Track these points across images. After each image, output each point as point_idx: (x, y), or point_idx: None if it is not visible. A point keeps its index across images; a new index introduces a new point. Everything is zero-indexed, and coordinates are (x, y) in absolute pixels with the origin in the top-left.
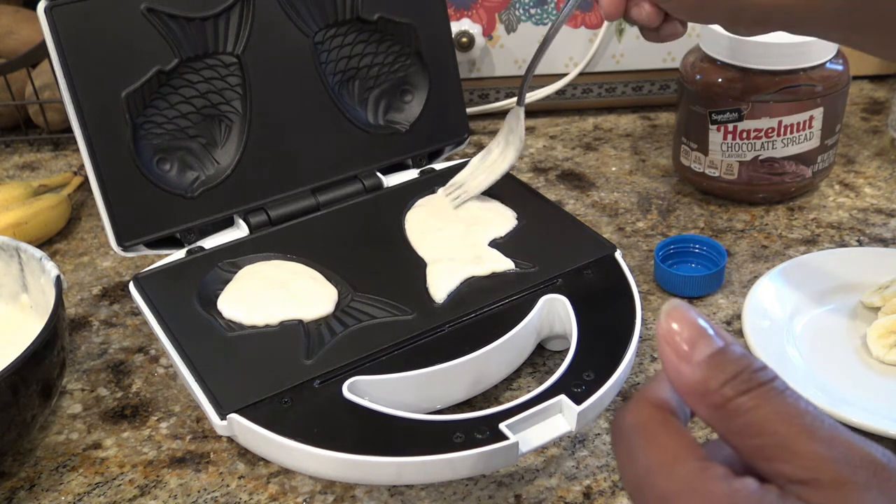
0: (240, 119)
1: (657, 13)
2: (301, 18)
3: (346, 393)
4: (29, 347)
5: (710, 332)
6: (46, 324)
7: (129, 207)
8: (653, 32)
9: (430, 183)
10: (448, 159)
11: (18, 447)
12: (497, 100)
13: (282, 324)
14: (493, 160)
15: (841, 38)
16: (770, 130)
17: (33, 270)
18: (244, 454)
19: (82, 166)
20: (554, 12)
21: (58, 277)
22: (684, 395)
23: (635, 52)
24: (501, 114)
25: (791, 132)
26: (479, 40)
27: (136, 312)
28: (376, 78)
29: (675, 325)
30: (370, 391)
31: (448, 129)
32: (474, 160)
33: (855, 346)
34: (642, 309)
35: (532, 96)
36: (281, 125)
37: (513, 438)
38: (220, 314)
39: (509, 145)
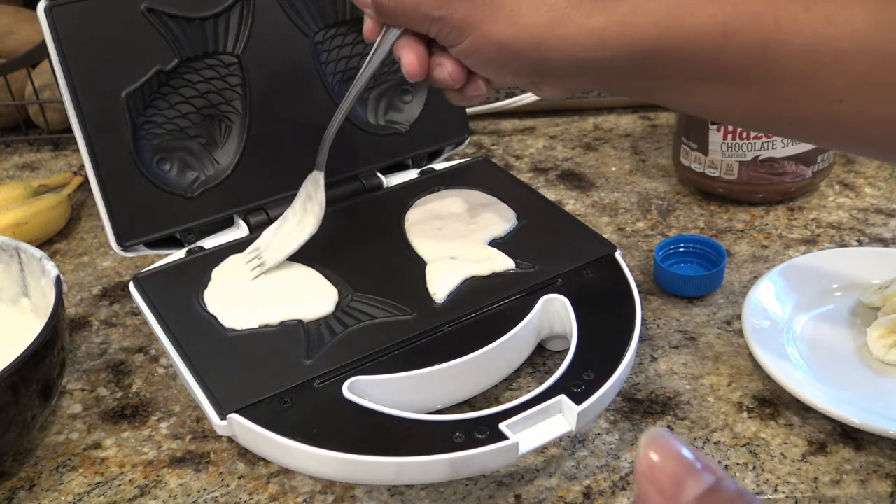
0: (240, 119)
1: (461, 72)
2: (301, 18)
3: (346, 393)
4: (29, 347)
5: (699, 465)
6: (46, 324)
7: (129, 207)
8: (456, 93)
9: (430, 183)
10: (448, 159)
11: (18, 447)
12: (497, 100)
13: (282, 324)
14: (290, 230)
15: (645, 95)
16: None
17: (33, 271)
18: (244, 454)
19: (82, 166)
20: None
21: (58, 278)
22: None
23: None
24: (502, 114)
25: None
26: None
27: (136, 312)
28: (376, 78)
29: (656, 458)
30: (370, 391)
31: (448, 129)
32: (268, 231)
33: (855, 346)
34: (642, 309)
35: (532, 96)
36: (281, 125)
37: (513, 438)
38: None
39: (308, 213)
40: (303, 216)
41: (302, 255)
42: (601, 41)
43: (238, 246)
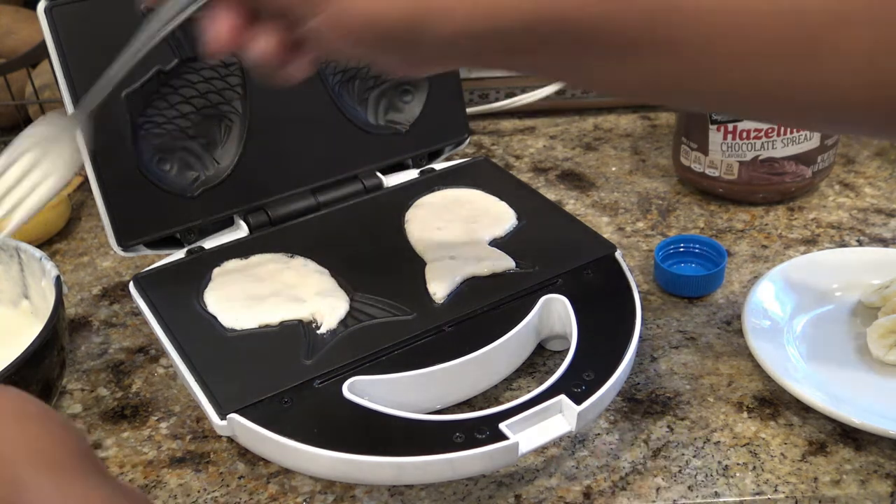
0: (240, 119)
1: (281, 48)
2: None
3: (346, 393)
4: (29, 348)
5: None
6: (46, 324)
7: (129, 207)
8: (273, 73)
9: (430, 183)
10: (448, 159)
11: None
12: (497, 100)
13: (282, 324)
14: (18, 177)
15: (528, 66)
16: (770, 130)
17: (34, 272)
18: (244, 454)
19: (82, 166)
20: None
21: (57, 278)
22: None
23: None
24: (501, 114)
25: (791, 132)
26: None
27: (136, 312)
28: (376, 78)
29: None
30: (370, 391)
31: (448, 129)
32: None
33: (855, 346)
34: (642, 309)
35: (532, 96)
36: (281, 125)
37: (513, 438)
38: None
39: (50, 156)
40: (37, 162)
41: (302, 255)
42: (477, 13)
43: (238, 246)
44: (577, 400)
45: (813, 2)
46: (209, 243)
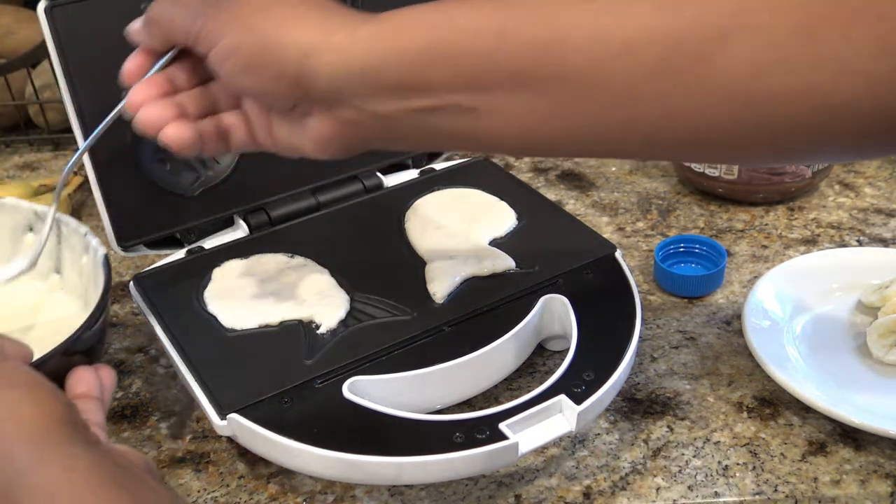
0: None
1: (185, 133)
2: None
3: (346, 393)
4: (77, 332)
5: None
6: (96, 307)
7: (129, 207)
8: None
9: (430, 183)
10: (448, 159)
11: None
12: None
13: (282, 324)
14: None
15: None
16: None
17: (73, 246)
18: (244, 454)
19: (82, 166)
20: None
21: (105, 257)
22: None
23: None
24: None
25: None
26: None
27: (137, 312)
28: None
29: None
30: (370, 391)
31: None
32: None
33: (855, 346)
34: (642, 309)
35: None
36: None
37: (513, 438)
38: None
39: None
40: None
41: (304, 255)
42: (372, 45)
43: (238, 246)
44: (577, 400)
45: (690, 19)
46: (209, 243)
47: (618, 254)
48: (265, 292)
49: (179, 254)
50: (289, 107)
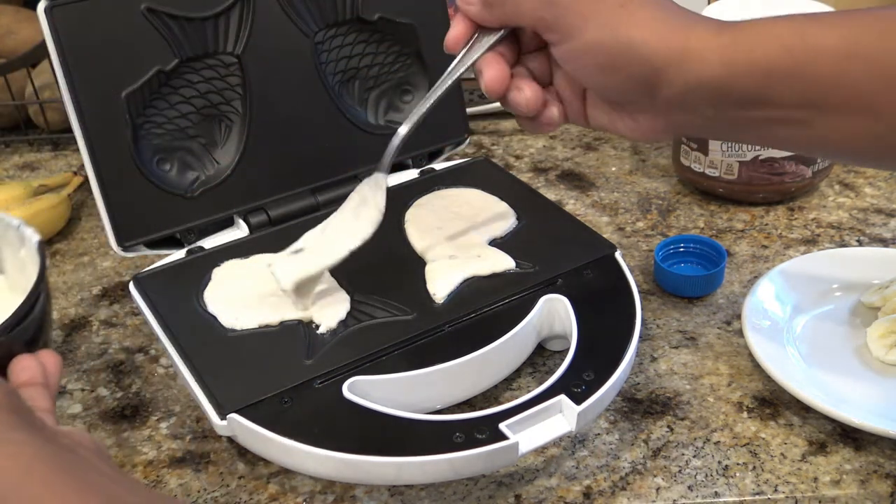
0: (240, 119)
1: (538, 98)
2: (301, 18)
3: (346, 393)
4: (17, 310)
5: None
6: (31, 292)
7: (129, 207)
8: (528, 121)
9: (430, 183)
10: (448, 159)
11: None
12: None
13: (282, 324)
14: (339, 234)
15: (756, 130)
16: None
17: (10, 241)
18: (244, 454)
19: (82, 166)
20: None
21: (40, 243)
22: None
23: None
24: (501, 114)
25: None
26: None
27: (136, 312)
28: (376, 78)
29: None
30: (370, 391)
31: (448, 129)
32: (312, 233)
33: (855, 346)
34: (642, 309)
35: None
36: (281, 125)
37: (513, 438)
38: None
39: (361, 219)
40: (354, 221)
41: None
42: (727, 58)
43: (238, 246)
44: (577, 400)
45: None
46: (209, 243)
47: (618, 254)
48: (265, 292)
49: (179, 254)
50: (628, 102)
